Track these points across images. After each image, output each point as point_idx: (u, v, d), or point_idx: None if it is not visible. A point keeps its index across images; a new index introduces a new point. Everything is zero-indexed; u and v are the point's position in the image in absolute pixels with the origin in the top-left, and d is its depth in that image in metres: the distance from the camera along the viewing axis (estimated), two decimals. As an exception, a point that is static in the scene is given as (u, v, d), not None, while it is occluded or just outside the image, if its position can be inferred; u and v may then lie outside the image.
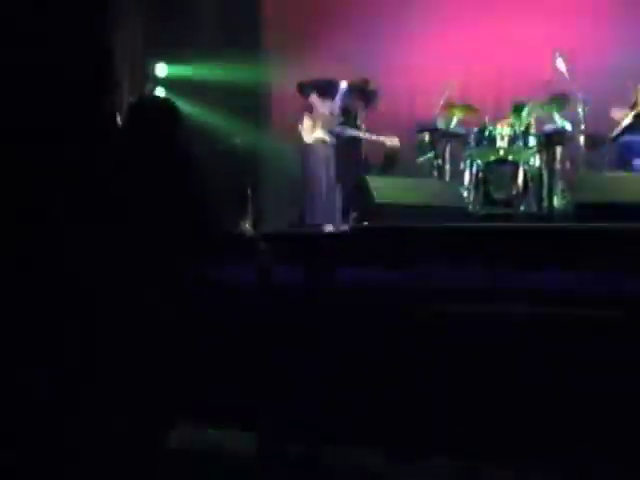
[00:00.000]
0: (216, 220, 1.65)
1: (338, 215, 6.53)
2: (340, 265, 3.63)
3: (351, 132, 6.58)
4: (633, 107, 6.45)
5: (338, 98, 6.51)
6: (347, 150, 6.85)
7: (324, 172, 6.47)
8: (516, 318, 2.99)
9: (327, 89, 6.47)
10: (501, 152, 6.81)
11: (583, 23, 7.79)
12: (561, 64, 6.73)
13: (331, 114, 6.47)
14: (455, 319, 3.09)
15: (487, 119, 7.26)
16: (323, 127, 6.42)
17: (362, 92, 6.58)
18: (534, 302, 3.09)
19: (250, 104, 8.38)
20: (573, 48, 7.26)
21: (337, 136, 6.49)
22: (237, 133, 7.67)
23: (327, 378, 2.96)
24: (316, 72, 7.06)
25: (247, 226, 6.97)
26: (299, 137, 6.63)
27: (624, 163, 6.32)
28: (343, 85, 6.53)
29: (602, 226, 4.02)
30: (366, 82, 6.65)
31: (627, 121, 6.34)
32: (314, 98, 6.41)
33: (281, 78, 8.48)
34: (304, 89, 6.55)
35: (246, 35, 8.35)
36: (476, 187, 6.80)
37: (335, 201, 6.54)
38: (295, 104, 7.00)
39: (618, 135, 6.42)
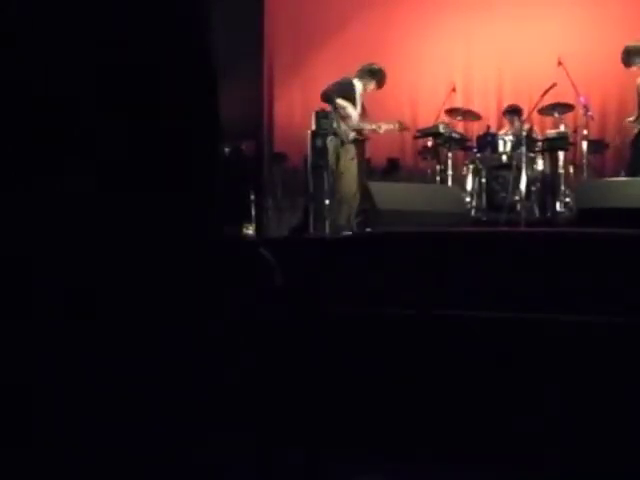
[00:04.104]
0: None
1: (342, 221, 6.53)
2: (341, 271, 3.63)
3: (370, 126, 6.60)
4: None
5: (357, 97, 6.52)
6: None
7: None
8: (515, 324, 2.99)
9: (347, 90, 6.49)
10: (504, 157, 6.83)
11: (586, 26, 7.81)
12: (563, 68, 6.73)
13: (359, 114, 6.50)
14: (456, 324, 3.09)
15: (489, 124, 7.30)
16: (353, 127, 6.45)
17: (372, 72, 6.59)
18: (535, 307, 3.09)
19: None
20: (576, 52, 7.28)
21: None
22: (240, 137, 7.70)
23: (328, 382, 2.96)
24: (318, 80, 7.07)
25: (249, 231, 6.98)
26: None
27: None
28: (358, 85, 6.54)
29: (605, 232, 4.01)
30: (370, 64, 6.68)
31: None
32: (341, 101, 6.41)
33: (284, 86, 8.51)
34: (329, 97, 6.55)
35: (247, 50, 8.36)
36: (479, 193, 6.81)
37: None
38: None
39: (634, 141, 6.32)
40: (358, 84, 6.53)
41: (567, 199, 6.66)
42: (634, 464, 2.64)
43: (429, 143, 7.18)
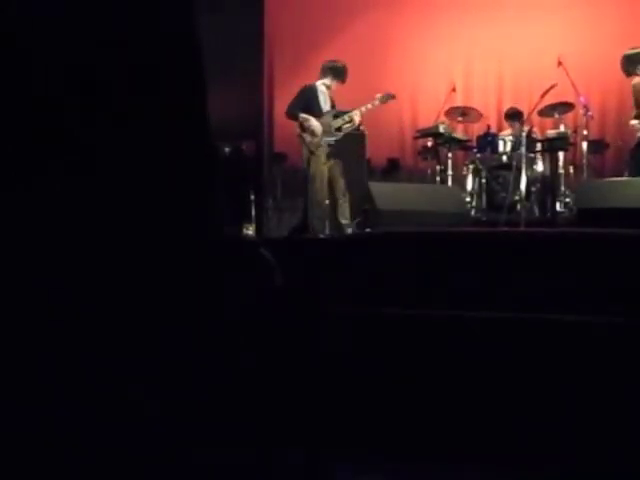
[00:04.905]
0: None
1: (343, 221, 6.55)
2: (341, 271, 3.63)
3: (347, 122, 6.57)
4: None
5: (322, 99, 6.54)
6: (350, 153, 6.87)
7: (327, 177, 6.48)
8: (515, 324, 2.98)
9: (309, 97, 6.53)
10: (504, 158, 6.84)
11: (586, 27, 7.81)
12: (564, 69, 6.72)
13: (325, 116, 6.49)
14: (456, 324, 3.09)
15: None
16: (327, 133, 6.44)
17: (335, 70, 6.60)
18: (535, 307, 3.09)
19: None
20: (576, 52, 7.28)
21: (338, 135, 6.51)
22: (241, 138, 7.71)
23: (328, 382, 2.96)
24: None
25: (249, 231, 6.98)
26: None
27: None
28: (320, 87, 6.56)
29: (605, 232, 4.01)
30: (333, 61, 6.72)
31: None
32: (303, 116, 6.46)
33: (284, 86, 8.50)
34: (291, 113, 6.63)
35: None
36: (479, 193, 6.82)
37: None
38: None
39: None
40: (321, 86, 6.55)
41: (567, 199, 6.67)
42: (634, 464, 2.64)
43: (429, 143, 7.19)
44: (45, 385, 1.32)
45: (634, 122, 6.22)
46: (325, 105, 6.53)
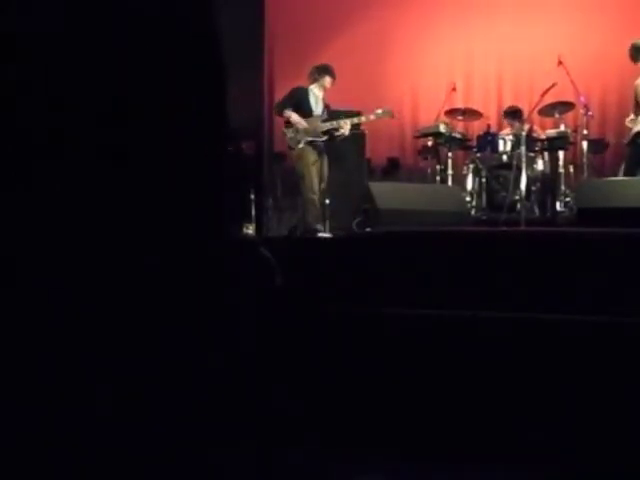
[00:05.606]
0: None
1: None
2: (341, 271, 3.63)
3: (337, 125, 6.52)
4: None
5: (313, 101, 6.52)
6: (350, 153, 6.87)
7: (317, 176, 6.46)
8: (515, 324, 2.99)
9: (300, 98, 6.52)
10: (504, 157, 6.84)
11: (586, 25, 7.81)
12: (564, 68, 6.72)
13: (313, 118, 6.47)
14: (456, 324, 3.09)
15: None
16: (310, 134, 6.41)
17: (325, 68, 6.59)
18: (535, 307, 3.09)
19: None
20: (576, 51, 7.28)
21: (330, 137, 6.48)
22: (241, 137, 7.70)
23: (327, 382, 2.97)
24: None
25: (249, 230, 6.98)
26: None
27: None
28: (314, 89, 6.55)
29: (605, 231, 4.01)
30: (315, 65, 6.72)
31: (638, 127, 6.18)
32: (287, 112, 6.45)
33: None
34: (277, 108, 6.64)
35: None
36: (479, 192, 6.82)
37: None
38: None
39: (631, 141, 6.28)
40: (314, 88, 6.53)
41: (567, 199, 6.67)
42: (634, 464, 2.65)
43: (429, 143, 7.19)
44: (45, 385, 1.32)
45: (630, 118, 6.22)
46: (316, 108, 6.50)
